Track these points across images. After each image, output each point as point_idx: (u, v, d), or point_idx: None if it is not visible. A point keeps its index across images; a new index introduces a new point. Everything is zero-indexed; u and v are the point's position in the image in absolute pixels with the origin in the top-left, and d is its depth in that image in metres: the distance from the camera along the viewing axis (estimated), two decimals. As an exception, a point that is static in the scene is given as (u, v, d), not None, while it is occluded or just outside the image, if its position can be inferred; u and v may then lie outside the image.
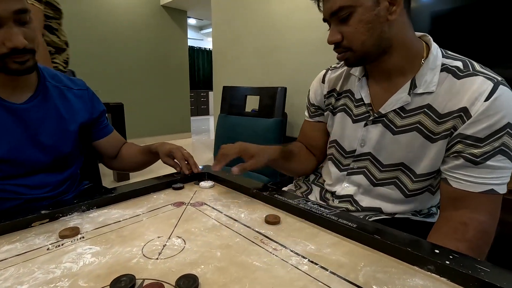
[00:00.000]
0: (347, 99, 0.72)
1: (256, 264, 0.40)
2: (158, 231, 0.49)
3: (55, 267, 0.39)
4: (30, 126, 0.66)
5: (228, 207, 0.60)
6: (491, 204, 0.55)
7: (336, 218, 0.50)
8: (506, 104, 0.52)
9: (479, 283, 0.36)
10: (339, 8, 0.57)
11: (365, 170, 0.69)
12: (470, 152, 0.54)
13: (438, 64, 0.58)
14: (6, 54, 0.56)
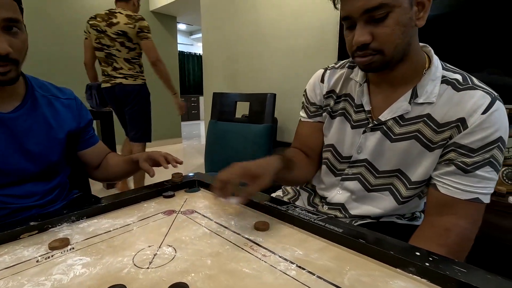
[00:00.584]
0: (347, 103, 0.71)
1: (245, 271, 0.41)
2: (149, 240, 0.50)
3: (45, 279, 0.39)
4: (17, 134, 0.65)
5: (219, 214, 0.61)
6: (475, 212, 0.58)
7: (323, 224, 0.52)
8: (501, 119, 0.54)
9: (456, 283, 0.38)
10: (379, 5, 0.52)
11: (359, 176, 0.70)
12: (461, 160, 0.56)
13: (439, 76, 0.60)
14: None
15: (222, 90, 3.12)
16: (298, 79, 2.38)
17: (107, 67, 1.98)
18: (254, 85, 2.79)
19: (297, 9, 2.32)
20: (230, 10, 2.89)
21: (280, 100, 2.47)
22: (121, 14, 1.90)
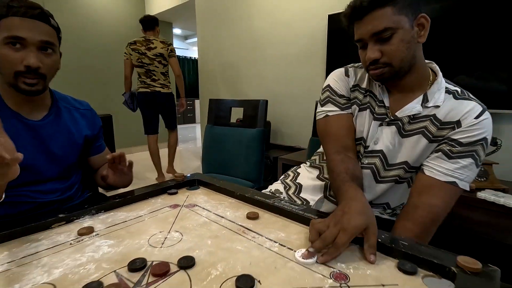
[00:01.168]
0: (371, 98, 0.81)
1: (238, 248, 0.53)
2: (159, 227, 0.61)
3: (81, 255, 0.50)
4: (45, 139, 0.77)
5: (216, 207, 0.72)
6: (449, 194, 0.70)
7: (302, 213, 0.63)
8: (488, 125, 0.69)
9: (400, 253, 0.49)
10: (384, 29, 0.66)
11: (373, 166, 0.80)
12: (448, 149, 0.70)
13: (443, 87, 0.73)
14: (20, 72, 0.67)
15: (217, 95, 3.23)
16: (290, 85, 2.50)
17: (147, 79, 2.71)
18: (248, 90, 2.91)
19: (289, 18, 2.44)
20: (225, 18, 3.01)
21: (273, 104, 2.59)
22: (156, 40, 2.68)
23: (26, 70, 0.67)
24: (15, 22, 0.66)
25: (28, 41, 0.66)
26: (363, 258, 0.49)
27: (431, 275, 0.45)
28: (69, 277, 0.44)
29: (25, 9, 0.66)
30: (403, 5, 0.66)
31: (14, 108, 0.73)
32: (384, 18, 0.66)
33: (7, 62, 0.66)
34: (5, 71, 0.68)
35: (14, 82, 0.68)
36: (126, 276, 0.44)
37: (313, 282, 0.43)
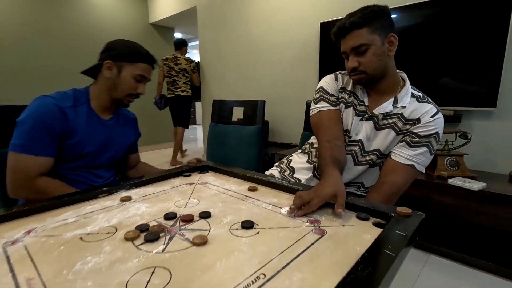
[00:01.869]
0: (354, 98, 1.01)
1: (242, 207, 0.71)
2: (181, 196, 0.79)
3: (127, 213, 0.69)
4: (109, 134, 1.03)
5: (224, 184, 0.90)
6: (408, 174, 0.90)
7: (290, 185, 0.82)
8: (440, 122, 0.90)
9: (358, 208, 0.68)
10: (360, 44, 0.87)
11: (353, 152, 1.00)
12: (410, 139, 0.91)
13: (410, 92, 0.95)
14: (131, 95, 1.02)
15: (218, 96, 3.42)
16: (286, 87, 2.70)
17: (172, 87, 3.62)
18: (247, 92, 3.10)
19: (284, 25, 2.64)
20: (225, 25, 3.20)
21: (271, 105, 2.78)
22: (181, 58, 3.56)
23: (136, 95, 1.03)
24: (146, 68, 1.02)
25: (145, 80, 1.03)
26: (333, 213, 0.68)
27: (378, 220, 0.64)
28: (123, 223, 0.63)
29: (153, 60, 1.06)
30: (376, 27, 0.86)
31: (95, 110, 1.02)
32: (360, 36, 0.87)
33: (128, 88, 1.00)
34: (120, 92, 1.00)
35: (121, 99, 1.02)
36: (163, 222, 0.63)
37: (294, 224, 0.62)
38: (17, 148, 0.86)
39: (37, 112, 0.88)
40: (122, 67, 0.99)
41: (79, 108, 0.97)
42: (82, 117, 0.96)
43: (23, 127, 0.87)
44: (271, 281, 0.43)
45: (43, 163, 0.89)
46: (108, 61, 0.98)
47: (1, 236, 0.58)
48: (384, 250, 0.48)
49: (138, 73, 0.99)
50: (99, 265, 0.47)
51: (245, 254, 0.50)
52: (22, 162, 0.86)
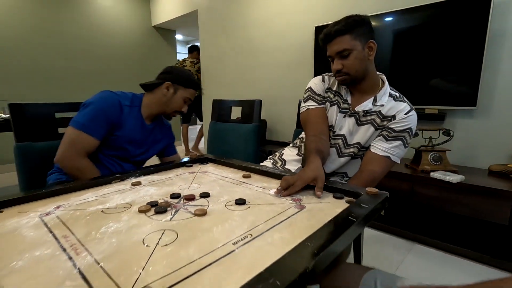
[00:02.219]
0: (338, 97, 1.13)
1: (236, 190, 0.83)
2: (184, 182, 0.91)
3: (138, 193, 0.80)
4: (147, 137, 1.22)
5: (221, 172, 1.02)
6: (384, 164, 1.02)
7: (279, 172, 0.94)
8: (412, 119, 1.02)
9: (335, 189, 0.79)
10: (343, 49, 0.99)
11: (337, 145, 1.12)
12: (387, 134, 1.03)
13: (388, 92, 1.07)
14: (176, 112, 1.25)
15: (218, 96, 3.54)
16: (283, 88, 2.82)
17: None
18: (246, 92, 3.22)
19: (281, 29, 2.76)
20: (225, 28, 3.33)
21: (268, 105, 2.90)
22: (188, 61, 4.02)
23: (180, 113, 1.27)
24: (194, 93, 1.27)
25: (190, 102, 1.28)
26: (314, 194, 0.80)
27: (351, 199, 0.75)
28: (136, 201, 0.75)
29: (200, 87, 1.30)
30: (357, 34, 0.99)
31: (143, 115, 1.21)
32: (344, 42, 0.99)
33: (177, 106, 1.24)
34: (170, 108, 1.23)
35: (169, 113, 1.25)
36: (170, 200, 0.75)
37: (279, 202, 0.74)
38: (77, 125, 1.04)
39: (101, 100, 1.09)
40: (178, 89, 1.23)
41: (132, 109, 1.18)
42: (132, 117, 1.16)
43: (87, 109, 1.05)
44: (256, 239, 0.55)
45: (91, 143, 1.06)
46: (168, 83, 1.21)
47: (35, 210, 0.70)
48: (348, 217, 0.60)
49: (188, 96, 1.25)
50: (119, 229, 0.59)
51: (236, 222, 0.62)
52: (77, 137, 1.03)
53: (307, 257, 0.46)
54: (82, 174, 1.03)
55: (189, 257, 0.49)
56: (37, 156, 1.14)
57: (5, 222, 0.63)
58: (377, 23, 2.03)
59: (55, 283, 0.42)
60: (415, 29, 1.89)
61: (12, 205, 0.73)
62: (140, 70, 4.42)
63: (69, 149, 1.03)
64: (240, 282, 0.40)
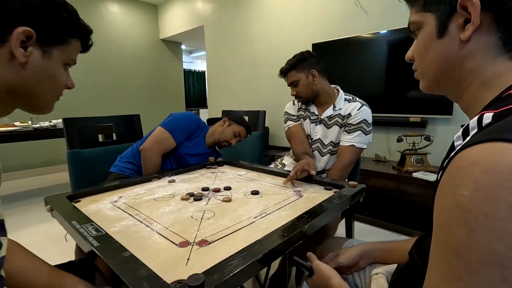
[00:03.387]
0: (308, 112, 1.43)
1: (250, 184, 1.08)
2: (208, 180, 1.16)
3: (176, 188, 1.06)
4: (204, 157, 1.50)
5: (237, 172, 1.28)
6: (352, 152, 1.28)
7: (281, 171, 1.19)
8: (365, 112, 1.29)
9: (326, 183, 1.05)
10: (293, 81, 1.34)
11: (317, 147, 1.40)
12: (347, 128, 1.29)
13: (343, 98, 1.34)
14: (227, 142, 1.52)
15: (223, 105, 3.80)
16: (284, 98, 3.08)
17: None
18: (250, 101, 3.49)
19: (281, 44, 3.04)
20: (230, 42, 3.61)
21: (270, 113, 3.17)
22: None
23: (229, 144, 1.53)
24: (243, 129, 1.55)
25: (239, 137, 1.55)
26: (310, 187, 1.04)
27: (337, 190, 1.00)
28: (176, 193, 1.00)
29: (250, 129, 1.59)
30: (300, 68, 1.32)
31: (206, 140, 1.53)
32: (292, 76, 1.34)
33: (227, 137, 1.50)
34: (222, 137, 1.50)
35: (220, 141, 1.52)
36: (202, 192, 1.00)
37: (284, 192, 0.99)
38: (168, 127, 1.36)
39: (189, 116, 1.46)
40: (231, 124, 1.53)
41: (203, 131, 1.52)
42: (200, 137, 1.49)
43: (177, 118, 1.40)
44: (269, 215, 0.80)
45: (170, 144, 1.36)
46: (226, 118, 1.56)
47: (104, 199, 0.95)
48: (333, 200, 0.85)
49: (238, 131, 1.53)
50: (172, 210, 0.85)
51: (254, 205, 0.87)
52: (165, 137, 1.34)
53: (303, 223, 0.71)
54: (153, 167, 1.30)
55: (225, 225, 0.74)
56: (84, 160, 1.39)
57: (88, 206, 0.89)
58: (368, 42, 2.30)
59: (145, 238, 0.67)
60: (400, 48, 2.15)
61: (85, 196, 0.98)
62: (148, 80, 4.69)
63: (156, 144, 1.32)
64: (261, 237, 0.65)
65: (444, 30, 0.42)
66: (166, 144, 1.35)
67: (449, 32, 0.41)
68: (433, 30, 0.43)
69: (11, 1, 0.43)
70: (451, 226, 0.30)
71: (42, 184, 3.34)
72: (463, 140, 0.37)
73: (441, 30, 0.42)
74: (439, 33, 0.42)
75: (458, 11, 0.39)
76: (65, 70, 0.56)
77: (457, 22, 0.40)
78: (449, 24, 0.41)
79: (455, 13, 0.40)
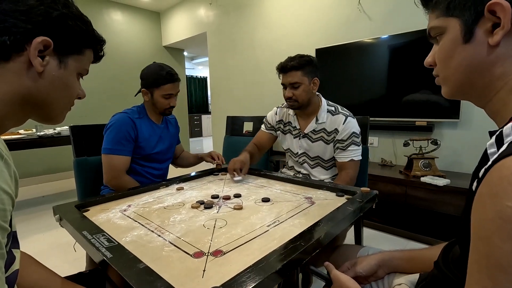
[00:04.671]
0: (290, 127, 1.43)
1: (260, 191, 1.07)
2: (217, 187, 1.15)
3: (185, 195, 1.04)
4: (163, 134, 1.39)
5: (245, 179, 1.26)
6: (353, 165, 1.27)
7: (292, 177, 1.17)
8: (351, 125, 1.26)
9: (338, 190, 1.03)
10: (295, 82, 1.27)
11: (304, 160, 1.39)
12: (340, 145, 1.27)
13: (325, 109, 1.32)
14: (167, 108, 1.34)
15: (226, 111, 3.80)
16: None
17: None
18: (253, 107, 3.48)
19: (284, 50, 3.04)
20: (233, 49, 3.62)
21: (274, 118, 3.15)
22: None
23: (170, 107, 1.34)
24: (170, 86, 1.30)
25: (173, 94, 1.33)
26: (321, 194, 1.03)
27: (349, 196, 0.98)
28: (186, 201, 0.98)
29: (174, 78, 1.31)
30: (306, 71, 1.27)
31: (152, 119, 1.37)
32: (296, 76, 1.27)
33: (162, 106, 1.33)
34: (159, 110, 1.34)
35: (164, 112, 1.35)
36: (212, 200, 0.99)
37: (295, 199, 0.97)
38: (107, 151, 1.22)
39: (117, 123, 1.25)
40: (153, 92, 1.30)
41: (142, 118, 1.33)
42: (144, 125, 1.32)
43: (110, 135, 1.23)
44: (283, 223, 0.78)
45: (125, 161, 1.25)
46: (143, 89, 1.33)
47: (113, 208, 0.93)
48: (347, 207, 0.84)
49: (165, 93, 1.30)
50: (183, 218, 0.83)
51: (266, 213, 0.86)
52: (113, 160, 1.22)
53: (320, 231, 0.69)
54: (130, 185, 1.20)
55: (239, 234, 0.72)
56: (90, 168, 1.38)
57: (97, 215, 0.87)
58: (371, 46, 2.30)
59: (158, 249, 0.66)
60: (403, 52, 2.15)
61: (93, 205, 0.96)
62: (151, 86, 4.71)
63: (110, 172, 1.22)
64: (276, 247, 0.64)
65: (470, 35, 0.41)
66: (119, 165, 1.22)
67: (475, 37, 0.40)
68: (458, 36, 0.42)
69: (33, 14, 0.43)
70: (493, 238, 0.29)
71: (46, 192, 3.33)
72: (497, 148, 0.35)
73: (467, 35, 0.41)
74: (464, 38, 0.41)
75: (486, 16, 0.38)
76: (77, 80, 0.56)
77: (485, 27, 0.39)
78: (475, 29, 0.40)
79: (482, 17, 0.39)
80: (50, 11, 0.45)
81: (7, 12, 0.42)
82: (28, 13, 0.43)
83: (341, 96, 2.44)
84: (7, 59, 0.43)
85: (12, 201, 0.36)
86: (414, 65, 2.11)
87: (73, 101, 0.56)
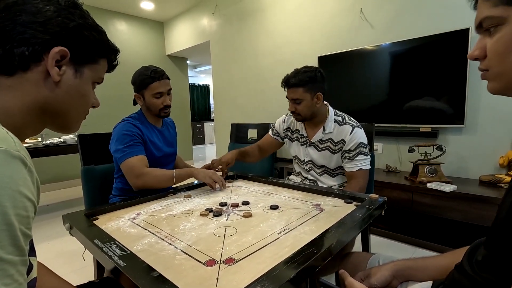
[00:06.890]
0: (297, 134, 1.44)
1: (268, 199, 1.07)
2: (225, 194, 1.15)
3: (193, 203, 1.04)
4: (167, 134, 1.40)
5: (252, 186, 1.26)
6: (363, 174, 1.27)
7: (299, 184, 1.17)
8: (358, 135, 1.27)
9: (346, 197, 1.03)
10: (297, 98, 1.29)
11: (311, 168, 1.40)
12: (348, 155, 1.27)
13: (333, 119, 1.33)
14: (161, 108, 1.31)
15: (230, 119, 3.82)
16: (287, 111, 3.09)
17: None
18: (257, 115, 3.50)
19: (287, 58, 3.07)
20: (236, 57, 3.66)
21: (277, 125, 3.16)
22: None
23: (164, 106, 1.30)
24: (157, 84, 1.27)
25: (164, 92, 1.29)
26: (329, 200, 1.03)
27: (358, 203, 0.98)
28: (194, 208, 0.99)
29: (159, 75, 1.28)
30: (309, 88, 1.28)
31: (151, 122, 1.36)
32: (297, 93, 1.29)
33: (156, 107, 1.30)
34: (154, 112, 1.32)
35: (159, 113, 1.32)
36: (220, 207, 0.99)
37: (304, 206, 0.97)
38: (121, 158, 1.19)
39: (122, 130, 1.23)
40: (144, 94, 1.29)
41: (143, 124, 1.31)
42: (147, 130, 1.31)
43: (118, 145, 1.21)
44: (293, 230, 0.78)
45: (141, 159, 1.20)
46: (136, 94, 1.32)
47: (122, 216, 0.94)
48: (357, 214, 0.83)
49: (154, 92, 1.27)
50: (193, 226, 0.83)
51: (275, 220, 0.86)
52: (129, 163, 1.17)
53: (331, 238, 0.69)
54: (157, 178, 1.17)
55: (250, 241, 0.72)
56: (98, 176, 1.39)
57: (107, 224, 0.87)
58: (374, 53, 2.32)
59: (170, 257, 0.66)
60: (406, 59, 2.17)
61: (102, 214, 0.97)
62: (155, 95, 4.76)
63: (132, 174, 1.18)
64: (288, 255, 0.63)
65: None
66: (138, 165, 1.18)
67: None
68: None
69: (51, 25, 0.44)
70: None
71: (51, 200, 3.34)
72: None
73: None
74: None
75: None
76: (92, 89, 0.57)
77: None
78: None
79: None
80: (67, 22, 0.46)
81: (27, 24, 0.43)
82: (46, 24, 0.44)
83: (345, 103, 2.45)
84: (26, 69, 0.44)
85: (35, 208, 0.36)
86: (417, 71, 2.12)
87: (88, 110, 0.57)
